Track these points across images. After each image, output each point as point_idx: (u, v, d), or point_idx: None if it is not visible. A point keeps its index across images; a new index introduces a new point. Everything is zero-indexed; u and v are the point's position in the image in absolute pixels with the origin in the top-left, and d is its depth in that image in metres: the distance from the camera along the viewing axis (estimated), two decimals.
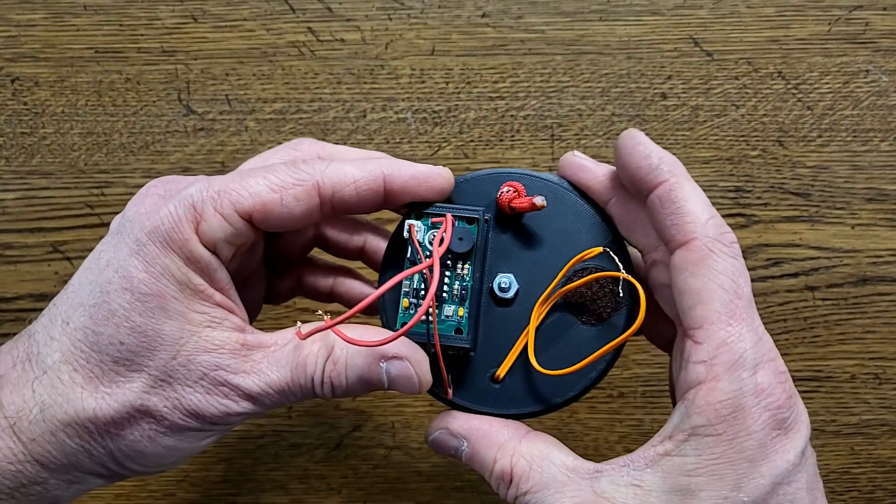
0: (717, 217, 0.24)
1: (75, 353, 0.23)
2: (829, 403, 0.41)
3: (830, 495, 0.41)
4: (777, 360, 0.23)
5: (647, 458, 0.23)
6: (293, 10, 0.41)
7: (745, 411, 0.21)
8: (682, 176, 0.24)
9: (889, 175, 0.41)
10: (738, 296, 0.22)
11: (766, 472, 0.21)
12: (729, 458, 0.21)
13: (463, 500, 0.40)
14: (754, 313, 0.23)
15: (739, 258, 0.23)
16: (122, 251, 0.24)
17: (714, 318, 0.22)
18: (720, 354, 0.22)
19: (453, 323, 0.26)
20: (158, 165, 0.40)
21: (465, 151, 0.41)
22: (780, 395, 0.22)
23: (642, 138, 0.25)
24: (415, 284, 0.26)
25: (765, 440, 0.21)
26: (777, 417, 0.22)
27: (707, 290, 0.22)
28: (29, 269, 0.40)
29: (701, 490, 0.21)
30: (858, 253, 0.41)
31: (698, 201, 0.24)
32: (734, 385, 0.22)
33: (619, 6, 0.41)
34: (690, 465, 0.22)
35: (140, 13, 0.41)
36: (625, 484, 0.22)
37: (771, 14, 0.41)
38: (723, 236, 0.23)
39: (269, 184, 0.24)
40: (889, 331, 0.41)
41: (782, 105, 0.41)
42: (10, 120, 0.40)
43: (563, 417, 0.40)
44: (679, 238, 0.23)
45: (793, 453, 0.22)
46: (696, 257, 0.23)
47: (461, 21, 0.41)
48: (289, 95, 0.40)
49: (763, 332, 0.23)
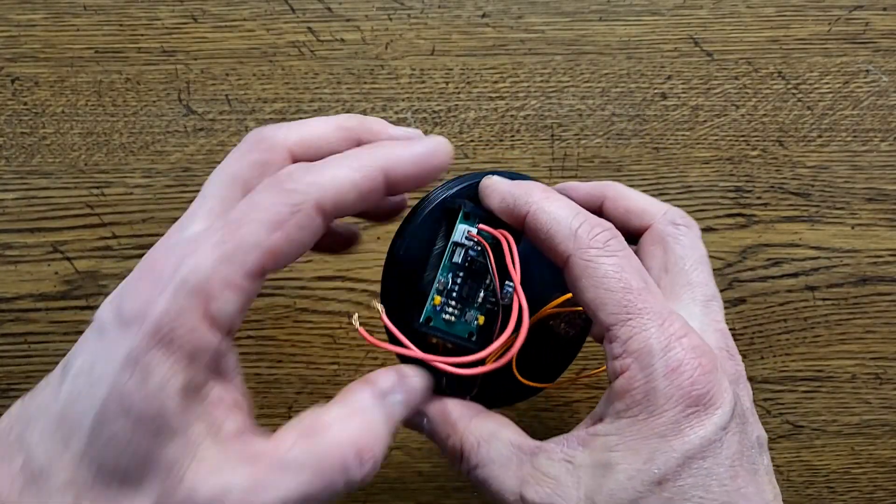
0: (584, 223, 0.24)
1: (77, 479, 0.21)
2: (829, 403, 0.41)
3: (831, 495, 0.41)
4: (689, 336, 0.23)
5: (579, 437, 0.24)
6: (293, 10, 0.41)
7: (656, 393, 0.23)
8: (537, 201, 0.25)
9: (889, 175, 0.41)
10: (628, 290, 0.23)
11: (676, 446, 0.22)
12: (643, 435, 0.23)
13: (463, 500, 0.40)
14: (652, 298, 0.24)
15: (619, 252, 0.24)
16: (115, 361, 0.20)
17: (612, 320, 0.23)
18: (628, 347, 0.23)
19: (471, 328, 0.28)
20: (158, 165, 0.40)
21: (465, 151, 0.41)
22: (691, 373, 0.23)
23: (492, 185, 0.27)
24: (450, 284, 0.27)
25: (678, 417, 0.22)
26: (691, 395, 0.22)
27: (598, 300, 0.24)
28: (29, 269, 0.40)
29: (618, 464, 0.23)
30: (858, 253, 0.41)
31: (561, 216, 0.25)
32: (644, 372, 0.23)
33: (619, 6, 0.41)
34: (612, 443, 0.23)
35: (140, 13, 0.41)
36: (559, 460, 0.24)
37: (771, 14, 0.41)
38: (594, 240, 0.24)
39: (268, 225, 0.21)
40: (889, 331, 0.41)
41: (782, 105, 0.41)
42: (10, 120, 0.40)
43: (565, 418, 0.40)
44: (559, 259, 0.25)
45: (709, 429, 0.22)
46: (577, 272, 0.24)
47: (461, 21, 0.41)
48: (289, 95, 0.40)
49: (669, 312, 0.24)
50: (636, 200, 0.29)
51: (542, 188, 0.26)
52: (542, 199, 0.25)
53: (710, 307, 0.26)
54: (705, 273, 0.27)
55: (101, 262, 0.40)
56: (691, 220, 0.28)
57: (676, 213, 0.28)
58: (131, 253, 0.40)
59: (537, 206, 0.25)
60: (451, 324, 0.27)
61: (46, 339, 0.40)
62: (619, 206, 0.29)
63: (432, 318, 0.27)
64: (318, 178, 0.22)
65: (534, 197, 0.25)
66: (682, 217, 0.28)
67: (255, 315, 0.40)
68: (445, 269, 0.27)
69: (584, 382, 0.40)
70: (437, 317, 0.27)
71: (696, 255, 0.27)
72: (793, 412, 0.41)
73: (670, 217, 0.28)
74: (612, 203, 0.29)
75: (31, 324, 0.40)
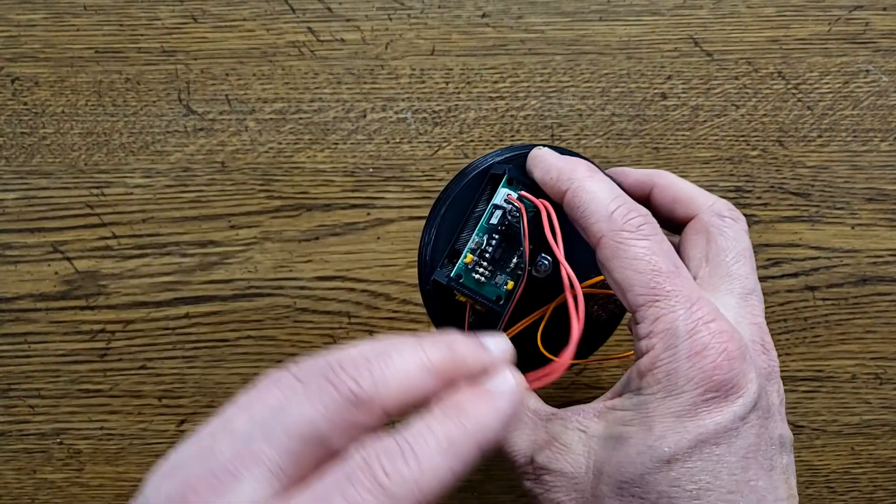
0: (621, 206, 0.25)
1: None
2: (830, 403, 0.41)
3: (831, 495, 0.41)
4: (717, 321, 0.23)
5: (596, 409, 0.25)
6: (293, 10, 0.41)
7: (677, 374, 0.23)
8: (580, 179, 0.26)
9: (889, 175, 0.41)
10: (657, 273, 0.24)
11: (691, 427, 0.22)
12: (659, 414, 0.23)
13: (463, 500, 0.40)
14: (681, 282, 0.24)
15: (651, 237, 0.24)
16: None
17: (640, 301, 0.24)
18: (655, 328, 0.23)
19: (500, 292, 0.28)
20: (158, 165, 0.40)
21: (465, 151, 0.41)
22: (714, 357, 0.23)
23: (541, 156, 0.27)
24: (484, 244, 0.27)
25: (696, 400, 0.22)
26: (713, 379, 0.22)
27: (627, 280, 0.24)
28: (29, 269, 0.40)
29: (630, 438, 0.23)
30: (858, 253, 0.41)
31: (600, 197, 0.25)
32: (668, 353, 0.23)
33: (619, 6, 0.41)
34: (627, 417, 0.24)
35: (140, 13, 0.41)
36: (573, 428, 0.25)
37: (771, 14, 0.41)
38: (628, 223, 0.24)
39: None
40: (889, 331, 0.41)
41: (782, 105, 0.41)
42: (10, 120, 0.40)
43: None
44: (592, 239, 0.25)
45: (726, 416, 0.22)
46: (608, 253, 0.24)
47: (461, 21, 0.41)
48: (289, 95, 0.40)
49: (698, 296, 0.24)
50: (684, 189, 0.29)
51: (587, 167, 0.26)
52: (585, 177, 0.25)
53: (748, 300, 0.26)
54: (747, 266, 0.27)
55: (101, 262, 0.40)
56: (738, 212, 0.28)
57: (723, 204, 0.28)
58: (131, 253, 0.40)
59: (578, 184, 0.25)
60: (480, 284, 0.28)
61: (46, 339, 0.40)
62: (667, 194, 0.29)
63: (462, 276, 0.27)
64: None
65: (577, 174, 0.26)
66: (728, 209, 0.28)
67: (255, 315, 0.40)
68: (482, 230, 0.28)
69: (585, 382, 0.40)
70: (468, 275, 0.27)
71: (740, 248, 0.27)
72: (793, 412, 0.41)
73: (716, 208, 0.28)
74: (661, 191, 0.30)
75: (31, 324, 0.40)
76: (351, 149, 0.40)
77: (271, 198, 0.40)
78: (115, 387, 0.40)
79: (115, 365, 0.40)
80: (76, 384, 0.40)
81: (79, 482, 0.40)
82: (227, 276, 0.40)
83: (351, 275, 0.40)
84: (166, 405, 0.40)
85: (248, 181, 0.40)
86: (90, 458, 0.40)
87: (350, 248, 0.40)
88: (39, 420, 0.40)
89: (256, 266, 0.40)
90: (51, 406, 0.40)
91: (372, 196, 0.40)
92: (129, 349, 0.40)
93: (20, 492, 0.40)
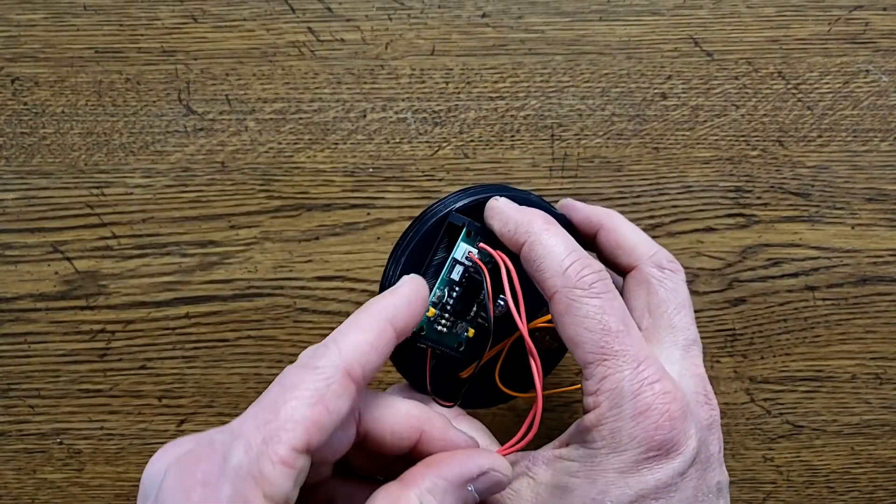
0: (575, 262, 0.25)
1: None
2: (829, 403, 0.41)
3: (831, 495, 0.41)
4: (661, 381, 0.24)
5: (545, 457, 0.26)
6: (293, 10, 0.41)
7: (621, 432, 0.24)
8: (536, 232, 0.26)
9: (889, 175, 0.41)
10: (605, 332, 0.24)
11: (632, 483, 0.23)
12: (603, 468, 0.24)
13: None
14: (630, 341, 0.24)
15: (603, 294, 0.25)
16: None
17: (589, 359, 0.25)
18: (601, 387, 0.24)
19: (461, 339, 0.29)
20: (158, 165, 0.40)
21: (465, 151, 0.41)
22: (657, 418, 0.24)
23: (499, 207, 0.28)
24: (445, 297, 0.28)
25: (638, 458, 0.24)
26: (654, 439, 0.24)
27: (578, 337, 0.25)
28: (29, 269, 0.40)
29: (575, 489, 0.24)
30: (858, 253, 0.41)
31: (555, 252, 0.25)
32: (614, 412, 0.24)
33: (619, 6, 0.41)
34: (573, 468, 0.25)
35: (140, 13, 0.41)
36: (522, 474, 0.26)
37: (771, 14, 0.41)
38: (581, 281, 0.25)
39: (306, 400, 0.21)
40: (889, 331, 0.41)
41: (782, 105, 0.41)
42: (10, 120, 0.40)
43: (564, 418, 0.40)
44: (546, 293, 0.26)
45: (666, 473, 0.24)
46: (561, 309, 0.25)
47: (461, 21, 0.41)
48: (289, 95, 0.40)
49: (645, 356, 0.24)
50: (628, 237, 0.30)
51: (544, 219, 0.27)
52: (542, 230, 0.26)
53: (690, 351, 0.27)
54: (688, 317, 0.28)
55: (101, 262, 0.40)
56: (678, 264, 0.29)
57: (663, 256, 0.29)
58: (131, 253, 0.40)
59: (535, 238, 0.26)
60: (442, 335, 0.29)
61: (46, 339, 0.40)
62: (611, 238, 0.30)
63: (425, 329, 0.28)
64: (336, 349, 0.22)
65: (534, 227, 0.26)
66: (668, 261, 0.29)
67: (255, 315, 0.40)
68: (443, 283, 0.28)
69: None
70: (431, 327, 0.28)
71: (679, 299, 0.28)
72: (793, 412, 0.41)
73: (656, 260, 0.29)
74: (606, 234, 0.30)
75: (31, 324, 0.40)
76: (351, 149, 0.40)
77: (271, 198, 0.40)
78: (115, 387, 0.40)
79: (115, 365, 0.40)
80: (76, 384, 0.40)
81: (79, 482, 0.40)
82: (227, 276, 0.40)
83: (351, 275, 0.40)
84: (166, 405, 0.40)
85: (248, 181, 0.40)
86: (90, 458, 0.40)
87: (350, 248, 0.40)
88: (39, 420, 0.40)
89: (256, 266, 0.40)
90: (51, 406, 0.40)
91: (372, 196, 0.40)
92: (129, 349, 0.40)
93: (20, 492, 0.40)
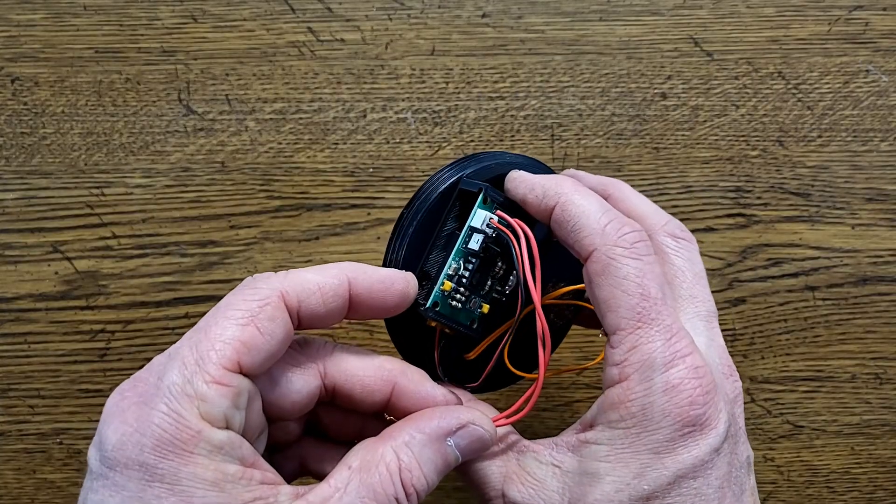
0: (614, 220, 0.24)
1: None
2: (830, 403, 0.41)
3: (831, 495, 0.41)
4: (693, 356, 0.23)
5: (570, 443, 0.25)
6: (293, 10, 0.41)
7: (653, 408, 0.22)
8: (568, 193, 0.25)
9: (889, 175, 0.41)
10: (644, 297, 0.23)
11: (669, 464, 0.22)
12: (635, 450, 0.23)
13: (463, 500, 0.40)
14: (666, 310, 0.23)
15: (644, 257, 0.24)
16: (129, 490, 0.20)
17: (622, 325, 0.23)
18: (630, 356, 0.23)
19: (474, 316, 0.27)
20: (158, 165, 0.40)
21: (465, 151, 0.41)
22: (691, 392, 0.22)
23: (521, 175, 0.27)
24: (461, 270, 0.26)
25: (673, 436, 0.22)
26: (689, 414, 0.22)
27: (613, 298, 0.23)
28: (29, 269, 0.40)
29: (607, 475, 0.23)
30: (858, 253, 0.41)
31: (591, 210, 0.24)
32: (643, 385, 0.23)
33: (619, 6, 0.41)
34: (602, 452, 0.23)
35: (140, 13, 0.41)
36: (546, 463, 0.24)
37: (771, 14, 0.41)
38: (622, 239, 0.24)
39: (237, 320, 0.22)
40: (889, 331, 0.41)
41: (782, 105, 0.41)
42: (10, 120, 0.40)
43: (566, 417, 0.40)
44: (583, 253, 0.24)
45: (703, 450, 0.22)
46: (598, 268, 0.24)
47: (461, 21, 0.41)
48: (289, 95, 0.40)
49: (678, 328, 0.23)
50: (638, 206, 0.28)
51: (572, 181, 0.26)
52: (573, 191, 0.25)
53: (712, 323, 0.26)
54: (706, 288, 0.27)
55: (101, 262, 0.40)
56: (691, 234, 0.28)
57: (676, 225, 0.28)
58: (131, 253, 0.40)
59: (567, 198, 0.25)
60: (456, 310, 0.27)
61: (46, 339, 0.40)
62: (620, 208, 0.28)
63: (439, 304, 0.26)
64: (283, 276, 0.23)
65: (564, 188, 0.25)
66: (682, 230, 0.28)
67: None
68: (458, 254, 0.26)
69: (585, 382, 0.40)
70: (445, 302, 0.26)
71: (696, 269, 0.27)
72: (793, 412, 0.41)
73: (669, 229, 0.28)
74: (614, 203, 0.28)
75: (31, 324, 0.40)
76: (351, 149, 0.40)
77: (271, 198, 0.40)
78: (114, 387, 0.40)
79: (115, 365, 0.40)
80: (76, 384, 0.40)
81: (79, 482, 0.40)
82: (227, 276, 0.40)
83: None
84: None
85: (248, 181, 0.40)
86: None
87: (350, 248, 0.40)
88: (39, 420, 0.40)
89: (256, 266, 0.40)
90: (51, 406, 0.40)
91: (372, 196, 0.40)
92: (129, 349, 0.40)
93: (20, 492, 0.40)
